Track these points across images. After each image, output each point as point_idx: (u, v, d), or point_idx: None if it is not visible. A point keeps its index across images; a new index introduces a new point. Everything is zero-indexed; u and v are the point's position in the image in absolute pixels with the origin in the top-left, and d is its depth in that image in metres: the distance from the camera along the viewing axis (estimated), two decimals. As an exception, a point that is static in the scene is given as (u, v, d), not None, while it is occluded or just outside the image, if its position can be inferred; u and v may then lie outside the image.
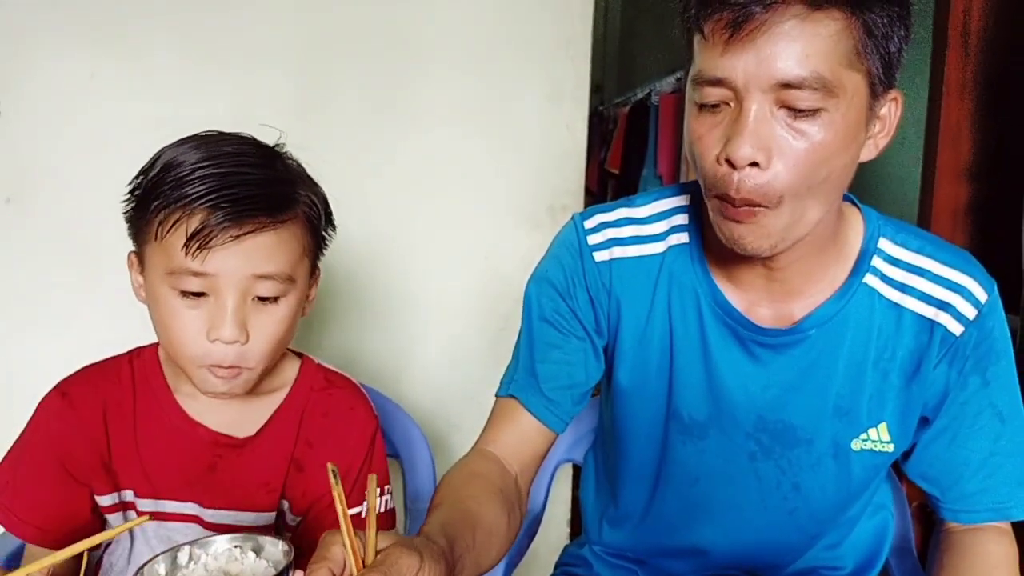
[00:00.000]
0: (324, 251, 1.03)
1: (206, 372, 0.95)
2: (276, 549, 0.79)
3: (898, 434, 1.01)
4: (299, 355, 1.11)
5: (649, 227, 1.05)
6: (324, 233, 1.01)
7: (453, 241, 1.81)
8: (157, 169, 0.94)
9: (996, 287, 1.00)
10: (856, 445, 1.01)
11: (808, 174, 0.85)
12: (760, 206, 0.86)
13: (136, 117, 1.63)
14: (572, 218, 1.09)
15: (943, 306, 0.97)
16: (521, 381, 1.07)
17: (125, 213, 0.97)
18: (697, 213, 1.04)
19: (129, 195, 0.96)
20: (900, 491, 1.19)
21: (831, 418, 1.00)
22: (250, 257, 0.92)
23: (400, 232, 1.78)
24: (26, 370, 1.61)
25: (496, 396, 1.10)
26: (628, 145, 4.08)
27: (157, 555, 0.80)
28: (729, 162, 0.85)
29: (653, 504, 1.11)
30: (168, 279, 0.92)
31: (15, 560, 1.15)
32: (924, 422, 1.01)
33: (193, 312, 0.93)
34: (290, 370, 1.09)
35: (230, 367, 0.94)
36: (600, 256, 1.05)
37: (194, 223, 0.90)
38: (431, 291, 1.81)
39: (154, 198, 0.92)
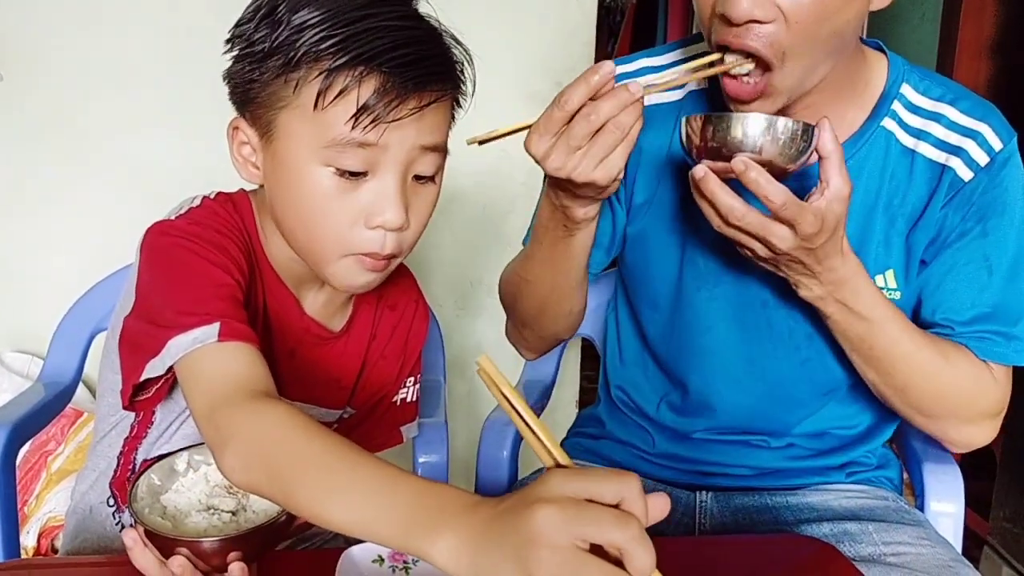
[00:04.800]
0: (453, 123, 0.87)
1: (353, 263, 0.82)
2: None
3: (904, 281, 0.99)
4: None
5: (669, 74, 1.02)
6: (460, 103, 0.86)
7: (457, 120, 1.76)
8: (291, 16, 0.76)
9: (1016, 140, 0.97)
10: None
11: (812, 29, 0.83)
12: (764, 63, 0.84)
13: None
14: None
15: (955, 151, 0.96)
16: None
17: (237, 72, 0.80)
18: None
19: (243, 48, 0.79)
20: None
21: None
22: (421, 128, 0.79)
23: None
24: (16, 247, 1.62)
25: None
26: (636, 37, 4.00)
27: (151, 464, 0.75)
28: (725, 18, 0.83)
29: (666, 353, 1.10)
30: (324, 154, 0.77)
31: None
32: (923, 266, 0.99)
33: (350, 195, 0.79)
34: None
35: (386, 256, 0.82)
36: None
37: (367, 91, 0.75)
38: (436, 173, 1.77)
39: (302, 57, 0.75)
